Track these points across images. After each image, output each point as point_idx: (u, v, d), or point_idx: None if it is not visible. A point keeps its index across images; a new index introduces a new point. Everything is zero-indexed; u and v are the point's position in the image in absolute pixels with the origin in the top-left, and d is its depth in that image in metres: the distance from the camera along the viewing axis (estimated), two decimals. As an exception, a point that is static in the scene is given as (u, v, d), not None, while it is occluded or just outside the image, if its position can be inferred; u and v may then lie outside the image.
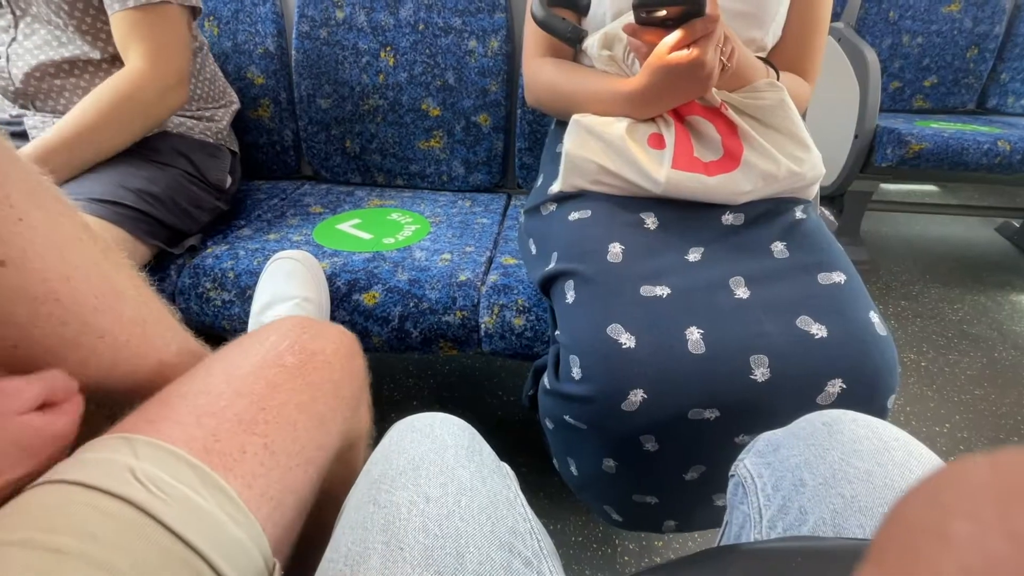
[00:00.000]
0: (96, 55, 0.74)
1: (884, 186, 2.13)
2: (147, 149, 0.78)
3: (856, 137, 1.47)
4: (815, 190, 0.66)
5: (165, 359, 0.38)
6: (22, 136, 0.77)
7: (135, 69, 0.71)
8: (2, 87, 0.76)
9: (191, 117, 0.86)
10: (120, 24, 0.70)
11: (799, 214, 0.63)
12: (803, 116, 0.78)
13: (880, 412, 0.53)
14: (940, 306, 1.46)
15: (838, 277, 0.56)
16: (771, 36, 0.68)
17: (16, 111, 0.78)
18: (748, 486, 0.38)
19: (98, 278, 0.33)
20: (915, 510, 0.11)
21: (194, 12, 0.78)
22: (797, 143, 0.62)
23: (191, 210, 0.80)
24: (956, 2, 1.66)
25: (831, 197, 1.66)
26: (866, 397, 0.52)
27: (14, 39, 0.73)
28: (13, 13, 0.72)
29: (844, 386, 0.51)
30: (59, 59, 0.73)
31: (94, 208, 0.67)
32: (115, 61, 0.75)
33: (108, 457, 0.28)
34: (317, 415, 0.37)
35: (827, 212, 1.69)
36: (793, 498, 0.34)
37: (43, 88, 0.75)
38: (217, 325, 0.76)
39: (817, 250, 0.59)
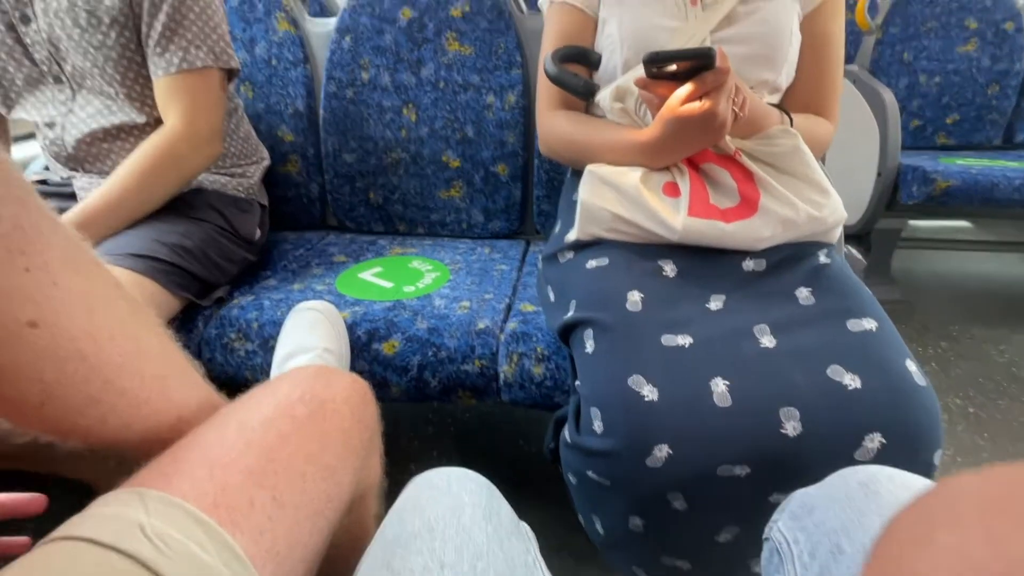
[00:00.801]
0: (142, 120, 0.80)
1: (914, 223, 2.09)
2: (183, 204, 0.82)
3: (879, 175, 1.45)
4: (838, 233, 0.64)
5: (184, 415, 0.39)
6: (71, 197, 0.82)
7: (171, 127, 0.76)
8: (56, 153, 0.82)
9: (225, 174, 0.90)
10: (163, 88, 0.76)
11: (823, 258, 0.61)
12: (825, 155, 0.78)
13: (926, 468, 0.50)
14: (984, 347, 1.39)
15: (868, 324, 0.54)
16: (784, 76, 0.69)
17: (67, 173, 0.84)
18: (784, 553, 0.36)
19: (123, 336, 0.34)
20: (907, 522, 0.11)
21: (231, 74, 0.84)
22: (815, 188, 0.62)
23: (222, 263, 0.83)
24: (971, 42, 1.66)
25: (858, 236, 1.62)
26: (909, 452, 0.49)
27: (71, 111, 0.79)
28: (72, 88, 0.78)
29: (884, 441, 0.48)
30: (108, 126, 0.79)
31: (130, 262, 0.70)
32: (159, 123, 0.80)
33: (120, 513, 0.28)
34: (326, 466, 0.37)
35: (854, 251, 1.65)
36: (831, 567, 0.32)
37: (92, 152, 0.81)
38: (240, 376, 0.77)
39: (844, 296, 0.57)
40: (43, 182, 0.86)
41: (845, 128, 1.45)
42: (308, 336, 0.70)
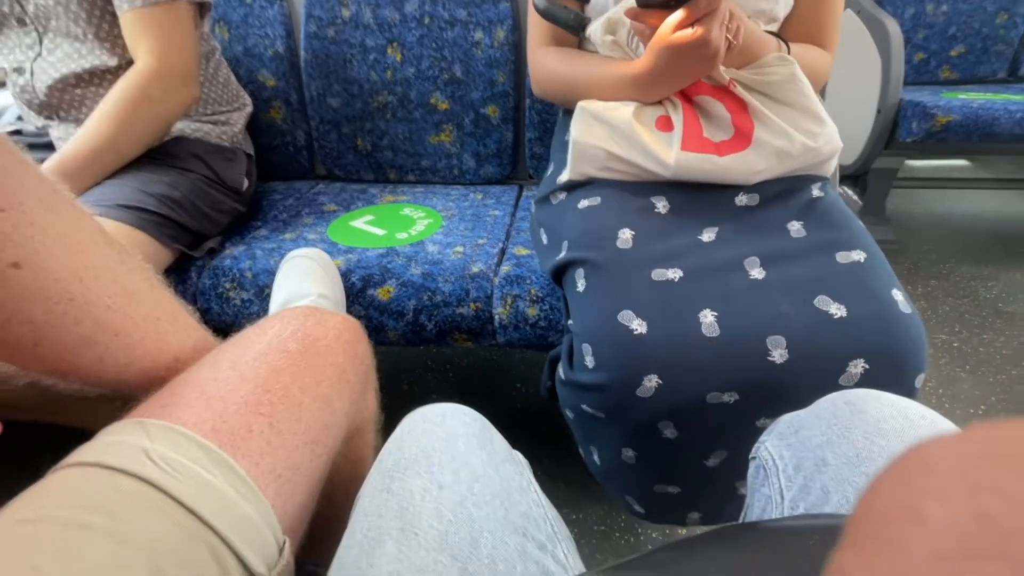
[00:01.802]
0: (113, 63, 0.76)
1: (910, 162, 2.06)
2: (166, 155, 0.80)
3: (879, 112, 1.42)
4: (832, 166, 0.64)
5: (181, 356, 0.40)
6: (48, 147, 0.80)
7: (142, 66, 0.71)
8: (28, 100, 0.79)
9: (207, 122, 0.87)
10: (129, 24, 0.71)
11: (816, 192, 0.61)
12: (824, 87, 0.76)
13: (908, 393, 0.52)
14: (973, 284, 1.41)
15: (857, 255, 0.55)
16: (782, 6, 0.66)
17: (41, 123, 0.81)
18: (769, 468, 0.38)
19: (111, 279, 0.34)
20: (887, 491, 0.11)
21: (202, 8, 0.79)
22: (811, 117, 0.60)
23: (211, 213, 0.82)
24: (983, -34, 1.59)
25: (854, 176, 1.61)
26: (892, 377, 0.51)
27: (39, 55, 0.75)
28: (37, 31, 0.75)
29: (867, 366, 0.50)
30: (79, 70, 0.76)
31: (119, 214, 0.69)
32: (131, 66, 0.77)
33: (124, 440, 0.29)
34: (322, 396, 0.38)
35: (849, 192, 1.64)
36: (815, 478, 0.34)
37: (65, 99, 0.78)
38: (238, 324, 0.78)
39: (835, 228, 0.58)
40: (17, 132, 0.83)
41: (846, 63, 1.40)
42: (303, 283, 0.70)
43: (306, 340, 0.40)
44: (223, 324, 0.78)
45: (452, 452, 0.34)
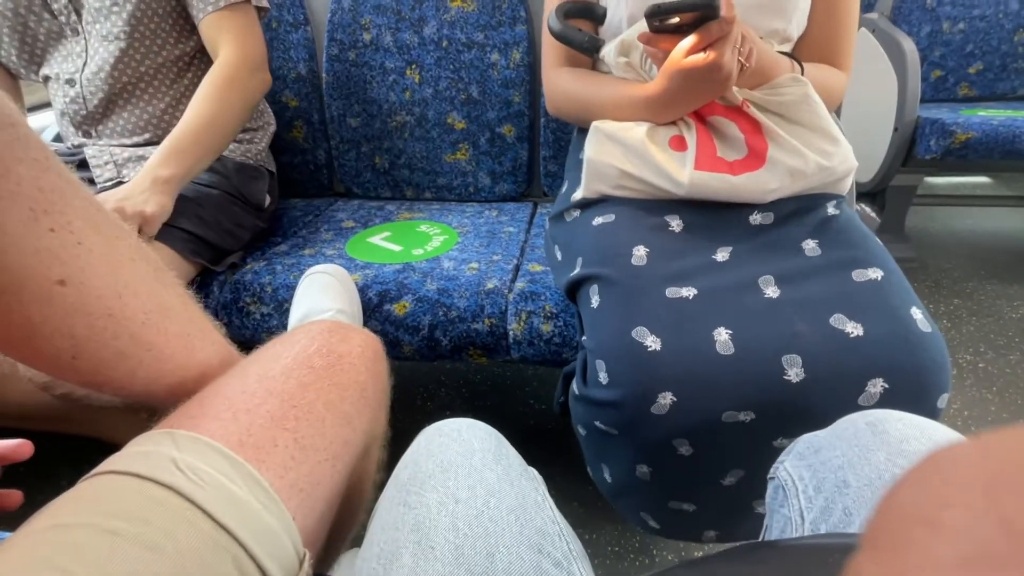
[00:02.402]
0: (154, 68, 0.83)
1: (930, 180, 2.03)
2: None
3: (896, 130, 1.41)
4: (848, 184, 0.64)
5: (208, 371, 0.41)
6: (83, 166, 0.83)
7: (225, 56, 0.80)
8: (74, 111, 0.84)
9: (233, 140, 0.90)
10: (209, 25, 0.81)
11: (831, 210, 0.61)
12: (839, 107, 0.76)
13: (931, 414, 0.51)
14: (998, 304, 1.38)
15: (874, 273, 0.54)
16: (795, 26, 0.67)
17: (78, 141, 0.85)
18: (789, 488, 0.37)
19: (147, 295, 0.36)
20: (907, 498, 0.11)
21: (260, 12, 0.87)
22: (824, 137, 0.61)
23: (233, 229, 0.84)
24: (999, -16, 1.58)
25: (872, 193, 1.59)
26: (913, 397, 0.50)
27: (86, 63, 0.80)
28: (85, 39, 0.80)
29: (887, 385, 0.49)
30: (123, 78, 0.81)
31: None
32: (176, 75, 0.85)
33: (153, 450, 0.30)
34: (344, 414, 0.39)
35: (867, 209, 1.62)
36: (836, 500, 0.33)
37: (108, 108, 0.83)
38: (258, 338, 0.79)
39: (851, 246, 0.57)
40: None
41: (862, 81, 1.40)
42: (321, 298, 0.72)
43: (331, 356, 0.40)
44: (243, 338, 0.80)
45: (468, 467, 0.35)
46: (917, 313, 0.52)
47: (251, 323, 0.79)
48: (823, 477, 0.35)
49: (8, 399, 0.63)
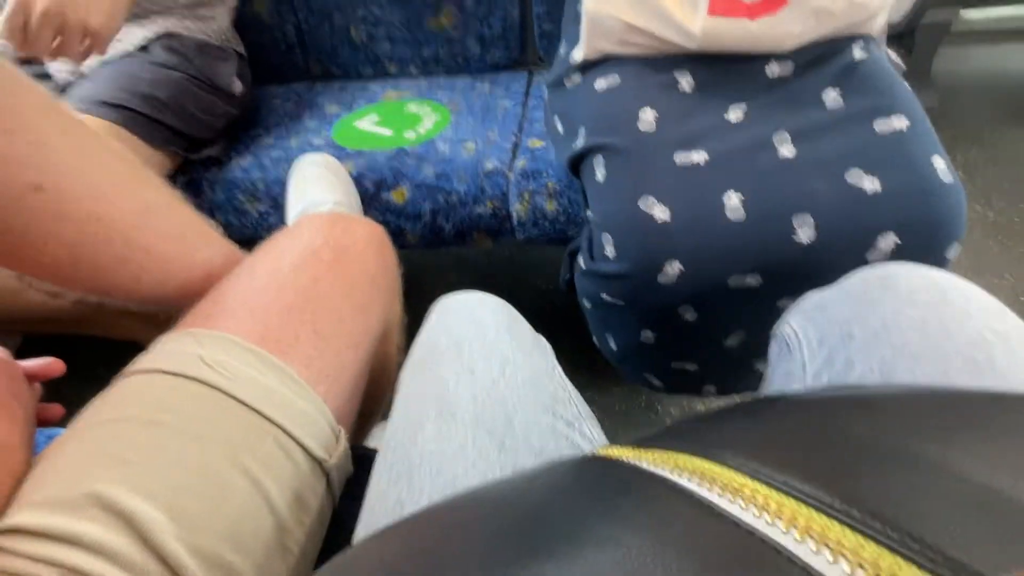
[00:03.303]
0: None
1: (966, 13, 1.82)
2: (147, 54, 0.76)
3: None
4: (880, 23, 0.57)
5: (212, 271, 0.40)
6: (44, 77, 0.76)
7: None
8: None
9: (188, 17, 0.81)
10: None
11: (858, 53, 0.55)
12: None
13: (939, 264, 0.51)
14: (1018, 148, 1.32)
15: (899, 122, 0.51)
16: None
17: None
18: (792, 343, 0.37)
19: (128, 196, 0.34)
20: None
21: None
22: (859, -36, 0.53)
23: (202, 116, 0.79)
24: None
25: (900, 35, 1.44)
26: (924, 250, 0.50)
27: None
28: None
29: (899, 240, 0.49)
30: None
31: (103, 111, 0.66)
32: None
33: (178, 348, 0.31)
34: (359, 304, 0.39)
35: (893, 54, 1.48)
36: (840, 350, 0.33)
37: None
38: (259, 236, 0.78)
39: (876, 93, 0.53)
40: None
41: None
42: (316, 191, 0.69)
43: (338, 249, 0.40)
44: (244, 237, 0.79)
45: (482, 340, 0.36)
46: (939, 162, 0.50)
47: (250, 221, 0.77)
48: (828, 331, 0.35)
49: (21, 309, 0.63)
